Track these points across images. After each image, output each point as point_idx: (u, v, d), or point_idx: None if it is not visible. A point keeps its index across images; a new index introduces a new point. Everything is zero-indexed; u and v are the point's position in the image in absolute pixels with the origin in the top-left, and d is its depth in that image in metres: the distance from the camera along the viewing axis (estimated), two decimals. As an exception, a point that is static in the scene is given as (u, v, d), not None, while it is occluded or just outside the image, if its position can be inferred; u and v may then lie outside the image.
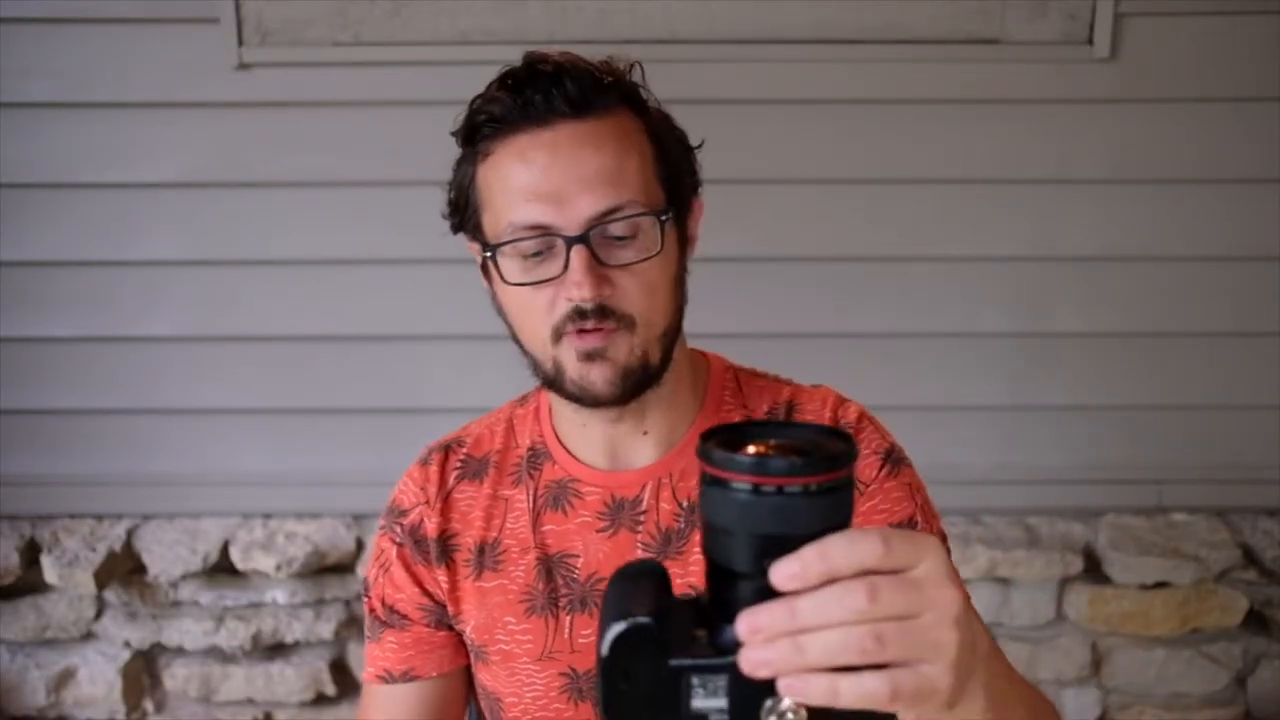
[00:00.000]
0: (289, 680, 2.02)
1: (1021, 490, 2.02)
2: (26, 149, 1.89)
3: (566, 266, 0.88)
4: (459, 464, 1.03)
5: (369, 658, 1.04)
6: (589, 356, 0.89)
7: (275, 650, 2.04)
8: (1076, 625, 2.00)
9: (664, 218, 0.91)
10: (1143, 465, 2.02)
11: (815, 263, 1.93)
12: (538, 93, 0.90)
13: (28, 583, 1.99)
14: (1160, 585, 1.96)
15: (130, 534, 2.00)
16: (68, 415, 2.00)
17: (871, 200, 1.92)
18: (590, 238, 0.88)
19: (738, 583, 0.53)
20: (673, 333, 0.94)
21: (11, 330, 1.96)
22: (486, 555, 0.99)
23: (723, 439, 0.55)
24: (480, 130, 0.94)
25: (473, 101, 0.96)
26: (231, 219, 1.91)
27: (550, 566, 0.96)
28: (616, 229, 0.89)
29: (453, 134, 0.98)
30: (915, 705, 0.52)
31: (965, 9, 1.85)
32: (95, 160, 1.90)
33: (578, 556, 0.96)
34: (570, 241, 0.88)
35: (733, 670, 0.52)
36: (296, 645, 2.03)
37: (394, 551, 1.02)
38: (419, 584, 1.01)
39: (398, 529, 1.02)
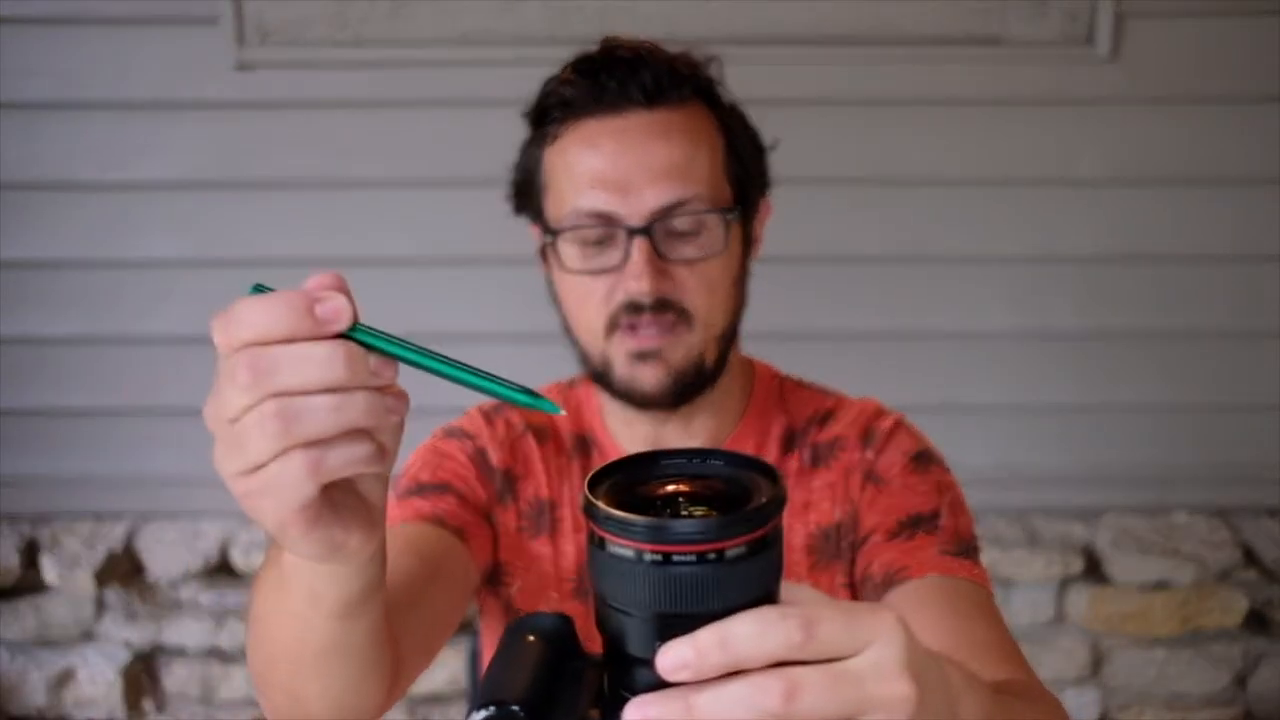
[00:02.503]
0: (289, 680, 2.02)
1: (1022, 490, 2.02)
2: (26, 149, 1.89)
3: (627, 258, 0.86)
4: (521, 420, 0.99)
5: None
6: (641, 357, 0.87)
7: (275, 650, 2.04)
8: (1076, 625, 2.00)
9: (730, 216, 0.89)
10: (1143, 465, 2.02)
11: (814, 262, 1.93)
12: (612, 79, 0.88)
13: (27, 583, 1.99)
14: (1160, 585, 1.96)
15: (130, 534, 2.00)
16: (68, 415, 2.00)
17: (870, 200, 1.92)
18: (653, 230, 0.86)
19: (632, 666, 0.43)
20: (730, 335, 0.93)
21: (12, 330, 1.96)
22: (544, 515, 0.96)
23: (616, 482, 0.45)
24: (550, 113, 0.91)
25: (545, 83, 0.93)
26: (231, 219, 1.91)
27: None
28: (681, 223, 0.87)
29: (523, 115, 0.94)
30: None
31: (965, 9, 1.85)
32: (95, 160, 1.90)
33: None
34: (632, 232, 0.86)
35: None
36: (296, 645, 2.03)
37: (457, 448, 0.96)
38: (479, 494, 0.93)
39: (468, 443, 0.96)
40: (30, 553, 1.98)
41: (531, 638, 0.48)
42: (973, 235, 1.93)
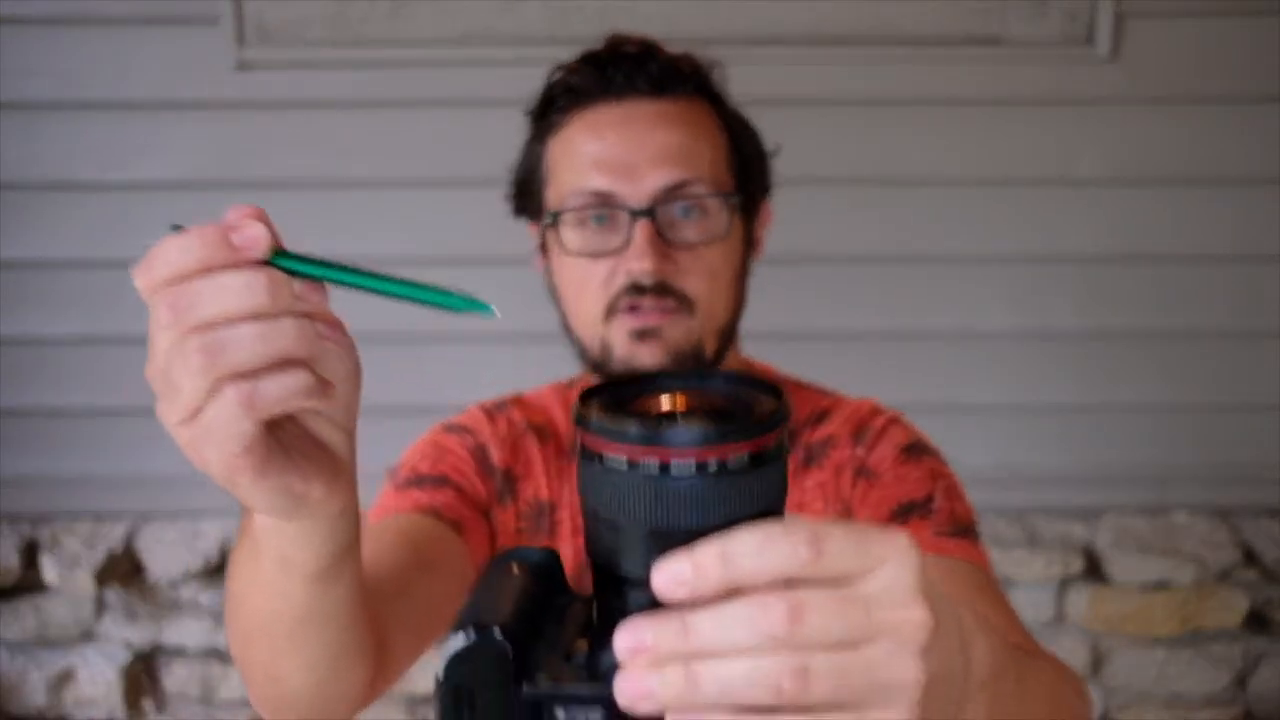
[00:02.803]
0: (289, 680, 2.02)
1: (1022, 490, 2.02)
2: (26, 149, 1.89)
3: (629, 240, 0.85)
4: (523, 418, 0.98)
5: (374, 509, 0.92)
6: (640, 335, 0.87)
7: (275, 650, 2.04)
8: (1076, 625, 2.00)
9: (732, 200, 0.88)
10: (1143, 465, 2.02)
11: (814, 262, 1.93)
12: (618, 70, 0.89)
13: (27, 583, 1.99)
14: (1160, 585, 1.96)
15: (130, 534, 2.00)
16: (68, 415, 2.00)
17: (870, 200, 1.92)
18: (656, 212, 0.85)
19: (624, 589, 0.41)
20: (730, 331, 0.92)
21: (12, 330, 1.96)
22: (544, 517, 0.95)
23: (611, 397, 0.43)
24: (555, 103, 0.91)
25: (551, 75, 0.93)
26: (231, 219, 1.91)
27: None
28: (683, 206, 0.86)
29: (526, 112, 0.95)
30: None
31: (965, 9, 1.85)
32: (95, 160, 1.90)
33: None
34: (635, 214, 0.85)
35: (608, 704, 0.39)
36: (296, 645, 2.03)
37: (457, 443, 0.94)
38: (478, 490, 0.92)
39: (468, 439, 0.95)
40: (30, 553, 1.98)
41: (516, 569, 0.46)
42: (973, 235, 1.93)
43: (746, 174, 0.93)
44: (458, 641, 0.41)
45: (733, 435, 0.39)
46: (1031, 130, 1.90)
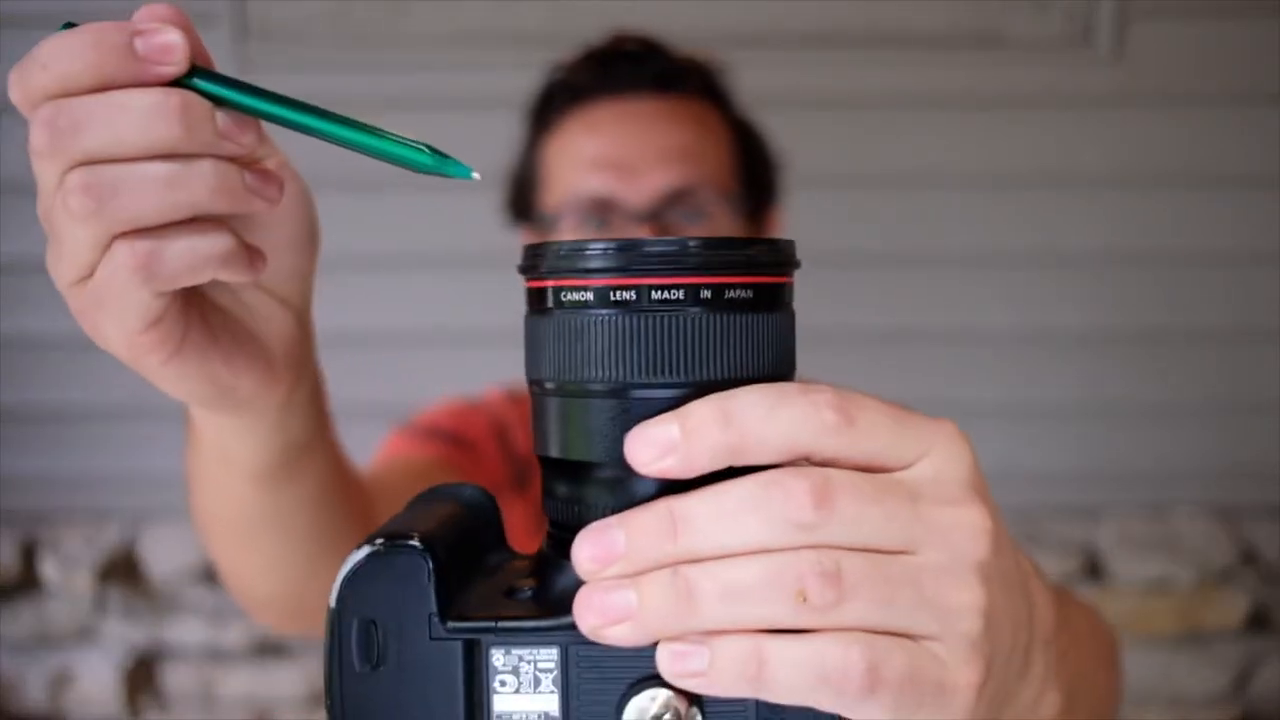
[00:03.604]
0: (289, 680, 2.02)
1: (1021, 489, 2.01)
2: (27, 149, 1.88)
3: None
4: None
5: (381, 454, 0.83)
6: None
7: (275, 650, 2.04)
8: (1077, 625, 2.00)
9: (740, 207, 0.84)
10: (1143, 465, 2.02)
11: (814, 262, 1.92)
12: (620, 67, 0.85)
13: (27, 582, 1.99)
14: (1160, 585, 1.96)
15: (130, 533, 2.00)
16: (68, 415, 2.00)
17: (870, 200, 1.92)
18: (657, 216, 0.80)
19: (587, 481, 0.29)
20: None
21: (12, 329, 1.96)
22: None
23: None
24: (553, 102, 0.87)
25: (550, 73, 0.89)
26: (231, 219, 1.91)
27: None
28: (687, 210, 0.81)
29: (526, 113, 0.91)
30: (913, 712, 0.27)
31: (965, 8, 1.85)
32: (95, 160, 1.89)
33: None
34: (636, 218, 0.80)
35: (568, 638, 0.28)
36: (296, 645, 2.03)
37: (478, 416, 0.88)
38: (494, 466, 0.85)
39: (489, 415, 0.88)
40: (29, 552, 1.98)
41: (442, 500, 0.35)
42: (973, 235, 1.93)
43: (753, 179, 0.89)
44: (357, 555, 0.29)
45: (730, 255, 0.29)
46: (1031, 130, 1.90)
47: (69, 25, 0.36)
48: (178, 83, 0.35)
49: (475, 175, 0.39)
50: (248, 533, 0.55)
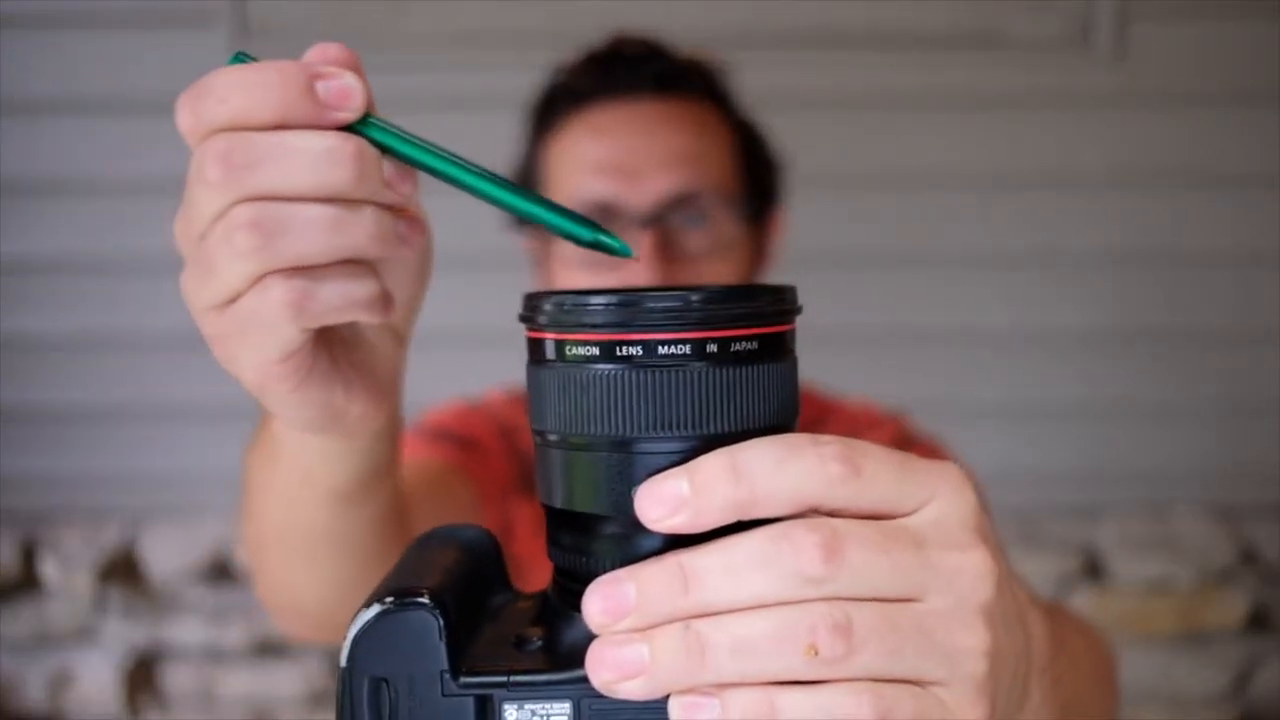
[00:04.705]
0: (289, 680, 2.02)
1: (1021, 490, 2.02)
2: (26, 149, 1.89)
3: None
4: None
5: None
6: None
7: (275, 650, 2.04)
8: (1077, 625, 2.00)
9: (743, 211, 0.84)
10: (1143, 465, 2.02)
11: (814, 262, 1.93)
12: (622, 69, 0.84)
13: (26, 582, 1.99)
14: (1160, 585, 1.96)
15: (130, 533, 2.00)
16: (68, 414, 2.00)
17: (870, 200, 1.92)
18: (660, 220, 0.80)
19: (590, 534, 0.30)
20: None
21: (12, 329, 1.96)
22: None
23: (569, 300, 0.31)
24: (554, 104, 0.87)
25: (551, 75, 0.88)
26: (231, 219, 1.91)
27: None
28: (690, 216, 0.81)
29: (527, 114, 0.90)
30: None
31: (965, 8, 1.85)
32: (95, 160, 1.89)
33: None
34: (638, 222, 0.80)
35: (580, 692, 0.28)
36: (296, 646, 2.03)
37: (483, 419, 0.87)
38: (498, 468, 0.84)
39: (493, 417, 0.88)
40: (29, 552, 1.98)
41: (442, 545, 0.35)
42: (973, 235, 1.93)
43: (756, 181, 0.89)
44: (366, 615, 0.29)
45: (736, 307, 0.29)
46: (1031, 130, 1.90)
47: (240, 56, 0.36)
48: (349, 126, 0.35)
49: (635, 255, 0.38)
50: (312, 549, 0.55)
